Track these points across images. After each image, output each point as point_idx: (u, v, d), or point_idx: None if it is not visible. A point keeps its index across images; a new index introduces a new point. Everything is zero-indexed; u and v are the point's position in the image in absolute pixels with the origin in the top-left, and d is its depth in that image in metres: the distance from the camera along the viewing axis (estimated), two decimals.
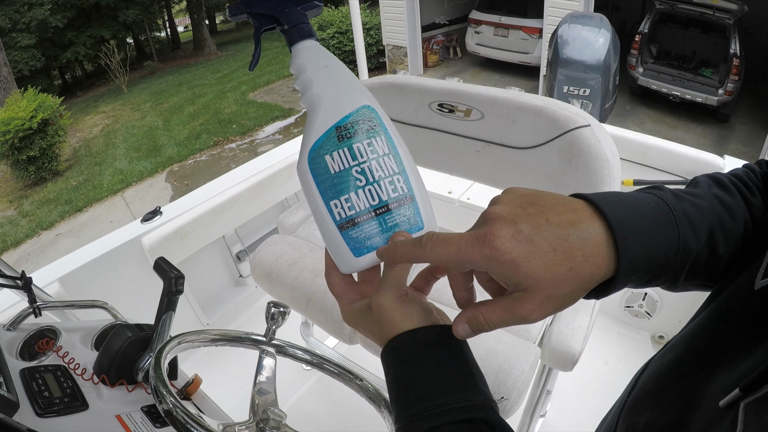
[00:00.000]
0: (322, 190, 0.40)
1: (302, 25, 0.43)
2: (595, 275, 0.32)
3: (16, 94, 7.78)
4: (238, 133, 7.75)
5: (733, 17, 5.39)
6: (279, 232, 1.56)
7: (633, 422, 0.39)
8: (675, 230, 0.34)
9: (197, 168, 6.92)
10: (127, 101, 11.03)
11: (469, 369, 0.37)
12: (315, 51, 0.43)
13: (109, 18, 14.16)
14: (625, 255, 0.32)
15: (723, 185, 0.39)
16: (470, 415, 0.34)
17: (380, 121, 0.41)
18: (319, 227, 0.41)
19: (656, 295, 1.73)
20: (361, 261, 0.41)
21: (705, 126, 5.78)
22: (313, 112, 0.41)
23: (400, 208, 0.40)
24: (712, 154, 1.69)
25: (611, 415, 0.45)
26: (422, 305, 0.40)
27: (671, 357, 0.40)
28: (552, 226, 0.32)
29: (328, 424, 1.58)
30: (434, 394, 0.35)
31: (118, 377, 0.69)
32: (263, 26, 0.44)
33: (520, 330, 1.09)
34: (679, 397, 0.35)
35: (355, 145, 0.40)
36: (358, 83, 0.42)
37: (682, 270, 0.36)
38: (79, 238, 5.65)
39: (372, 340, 0.41)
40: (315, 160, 0.40)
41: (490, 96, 1.18)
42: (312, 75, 0.41)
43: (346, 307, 0.42)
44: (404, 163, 0.41)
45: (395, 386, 0.38)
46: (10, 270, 0.83)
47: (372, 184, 0.40)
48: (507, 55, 7.45)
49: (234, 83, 10.62)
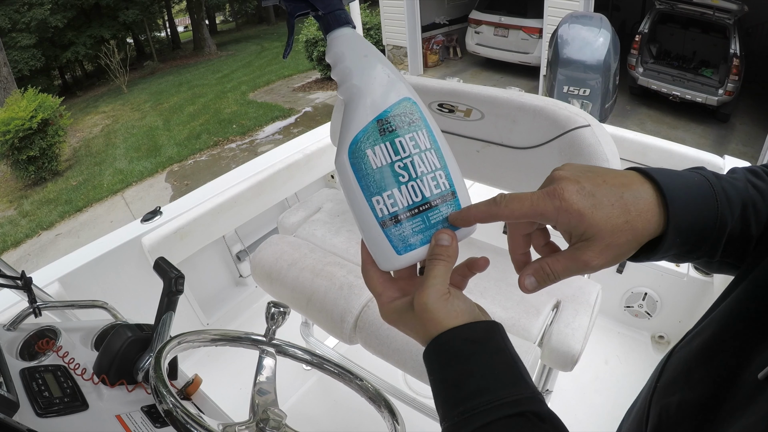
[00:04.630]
0: (363, 186, 0.39)
1: (339, 12, 0.41)
2: (646, 229, 0.36)
3: (16, 94, 7.77)
4: (238, 133, 7.75)
5: (733, 17, 5.38)
6: (279, 232, 1.56)
7: (666, 404, 0.40)
8: (714, 201, 0.37)
9: (197, 168, 6.92)
10: (127, 101, 11.03)
11: (515, 363, 0.38)
12: (353, 39, 0.41)
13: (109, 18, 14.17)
14: (674, 214, 0.36)
15: (756, 173, 0.42)
16: (521, 408, 0.35)
17: (421, 114, 0.40)
18: (358, 223, 0.41)
19: (656, 295, 1.73)
20: (403, 259, 0.40)
21: (705, 126, 5.77)
22: (352, 104, 0.40)
23: (443, 204, 0.40)
24: (712, 154, 1.70)
25: (640, 401, 0.45)
26: (465, 302, 0.40)
27: (700, 341, 0.40)
28: (609, 185, 0.36)
29: (328, 424, 1.58)
30: (484, 390, 0.35)
31: (118, 377, 0.69)
32: (297, 11, 0.42)
33: (520, 330, 1.09)
34: (711, 375, 0.36)
35: (397, 139, 0.39)
36: (398, 74, 0.41)
37: (719, 243, 0.38)
38: (79, 238, 5.65)
39: (414, 339, 0.41)
40: (355, 154, 0.39)
41: (490, 96, 1.18)
42: (351, 65, 0.40)
43: (386, 305, 0.42)
44: (445, 159, 0.41)
45: (442, 384, 0.38)
46: (10, 270, 0.83)
47: (415, 180, 0.39)
48: (507, 55, 7.44)
49: (234, 83, 10.62)
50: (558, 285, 1.21)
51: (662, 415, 0.40)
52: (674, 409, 0.38)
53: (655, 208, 0.36)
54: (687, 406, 0.37)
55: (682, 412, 0.37)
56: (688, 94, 5.65)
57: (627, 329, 1.84)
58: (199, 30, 15.72)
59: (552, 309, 1.14)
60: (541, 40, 6.62)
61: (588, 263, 0.36)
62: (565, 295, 1.16)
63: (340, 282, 1.21)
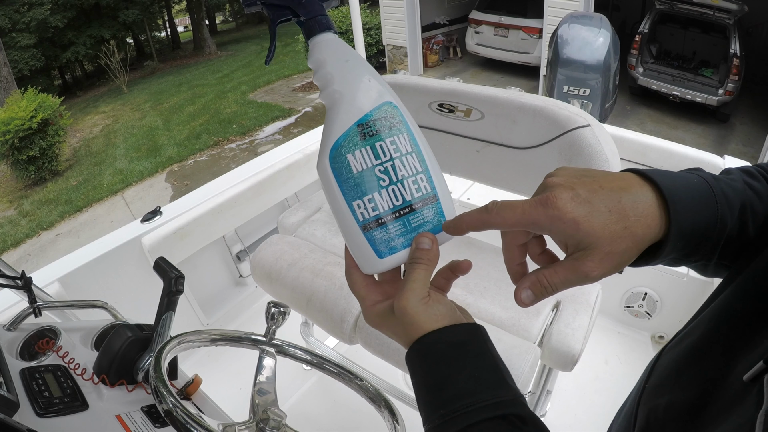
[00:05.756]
0: (344, 190, 0.39)
1: (320, 17, 0.41)
2: (647, 234, 0.34)
3: (16, 94, 7.78)
4: (238, 133, 7.75)
5: (733, 17, 5.38)
6: (279, 232, 1.56)
7: (654, 405, 0.40)
8: (714, 202, 0.36)
9: (197, 168, 6.92)
10: (127, 101, 11.03)
11: (497, 365, 0.37)
12: (335, 45, 0.41)
13: (109, 18, 14.17)
14: (676, 217, 0.34)
15: (751, 173, 0.41)
16: (503, 411, 0.35)
17: (402, 118, 0.40)
18: (340, 227, 0.41)
19: (656, 295, 1.73)
20: (385, 262, 0.40)
21: (705, 126, 5.77)
22: (333, 109, 0.40)
23: (424, 208, 0.40)
24: (712, 154, 1.69)
25: (629, 403, 0.45)
26: (445, 304, 0.40)
27: (689, 342, 0.40)
28: (605, 190, 0.35)
29: (328, 424, 1.58)
30: (465, 392, 0.35)
31: (118, 377, 0.69)
32: (279, 18, 0.43)
33: (520, 330, 1.09)
34: (699, 377, 0.36)
35: (378, 143, 0.39)
36: (379, 78, 0.41)
37: (718, 244, 0.37)
38: (79, 238, 5.65)
39: (397, 342, 0.41)
40: (336, 158, 0.39)
41: (490, 96, 1.18)
42: (332, 70, 0.40)
43: (369, 308, 0.42)
44: (427, 162, 0.40)
45: (424, 387, 0.38)
46: (10, 270, 0.83)
47: (396, 184, 0.39)
48: (507, 55, 7.44)
49: (234, 83, 10.62)
50: None
51: (650, 417, 0.39)
52: (662, 411, 0.38)
53: (655, 212, 0.35)
54: (674, 408, 0.37)
55: (670, 414, 0.37)
56: (688, 94, 5.65)
57: (627, 329, 1.84)
58: (199, 30, 15.72)
59: (552, 309, 1.14)
60: (541, 40, 6.62)
61: (588, 274, 0.35)
62: (565, 295, 1.16)
63: (340, 282, 1.21)
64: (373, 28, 8.53)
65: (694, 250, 0.37)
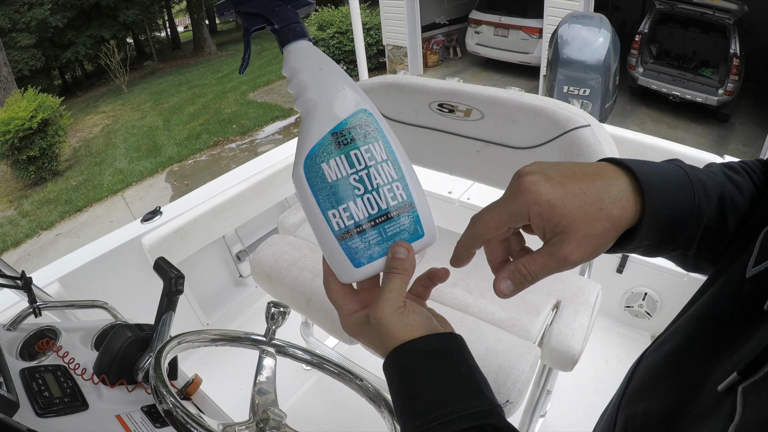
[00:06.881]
0: (319, 200, 0.39)
1: (294, 25, 0.41)
2: (623, 216, 0.34)
3: (16, 94, 7.78)
4: (238, 133, 7.75)
5: (733, 17, 5.39)
6: (279, 232, 1.56)
7: (632, 412, 0.39)
8: (690, 190, 0.36)
9: (197, 168, 6.92)
10: (127, 101, 11.02)
11: (473, 375, 0.37)
12: (308, 52, 0.41)
13: (109, 18, 14.16)
14: (650, 200, 0.34)
15: (733, 168, 0.41)
16: (479, 422, 0.34)
17: (378, 125, 0.40)
18: (316, 237, 0.40)
19: (656, 295, 1.73)
20: (362, 271, 0.40)
21: (705, 126, 5.77)
22: (308, 118, 0.39)
23: (400, 216, 0.40)
24: (712, 154, 1.70)
25: (610, 408, 0.45)
26: (421, 314, 0.40)
27: (668, 347, 0.40)
28: (578, 176, 0.35)
29: (328, 424, 1.58)
30: (441, 403, 0.35)
31: (118, 377, 0.69)
32: (252, 26, 0.42)
33: (520, 330, 1.09)
34: (677, 384, 0.35)
35: (352, 151, 0.38)
36: (354, 86, 0.41)
37: (696, 234, 0.37)
38: (79, 238, 5.65)
39: (374, 351, 0.41)
40: (311, 168, 0.39)
41: (490, 96, 1.18)
42: (306, 78, 0.40)
43: (347, 318, 0.42)
44: (403, 169, 0.40)
45: (400, 398, 0.38)
46: (10, 270, 0.83)
47: (371, 193, 0.39)
48: (507, 55, 7.44)
49: (234, 83, 10.62)
50: (558, 285, 1.20)
51: (628, 425, 0.39)
52: (639, 419, 0.38)
53: (630, 195, 0.34)
54: (652, 417, 0.36)
55: (647, 422, 0.37)
56: (688, 94, 5.65)
57: (627, 329, 1.84)
58: (199, 30, 15.72)
59: (552, 309, 1.14)
60: (541, 40, 6.62)
61: (566, 258, 0.34)
62: (565, 295, 1.16)
63: None
64: (373, 28, 8.53)
65: (670, 237, 0.37)
